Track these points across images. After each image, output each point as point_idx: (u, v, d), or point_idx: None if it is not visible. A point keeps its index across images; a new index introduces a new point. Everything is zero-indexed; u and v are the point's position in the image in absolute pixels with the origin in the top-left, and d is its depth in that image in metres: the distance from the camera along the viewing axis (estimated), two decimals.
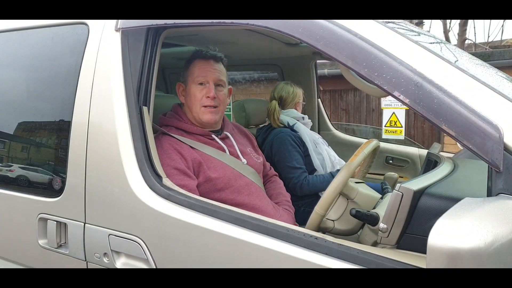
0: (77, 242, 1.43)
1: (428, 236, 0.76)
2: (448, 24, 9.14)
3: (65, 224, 1.47)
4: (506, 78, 1.28)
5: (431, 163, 1.70)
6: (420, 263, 0.96)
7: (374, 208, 1.41)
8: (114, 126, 1.36)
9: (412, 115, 6.69)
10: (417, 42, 1.06)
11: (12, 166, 1.68)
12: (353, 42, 1.04)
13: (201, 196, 1.38)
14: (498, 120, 0.90)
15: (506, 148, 0.88)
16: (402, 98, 0.98)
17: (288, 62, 3.01)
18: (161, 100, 1.96)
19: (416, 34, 1.25)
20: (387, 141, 3.34)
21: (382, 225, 1.06)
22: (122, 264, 1.34)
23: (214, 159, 1.61)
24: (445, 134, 0.94)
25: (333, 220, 1.41)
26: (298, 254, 1.06)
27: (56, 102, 1.58)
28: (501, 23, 9.08)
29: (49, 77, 1.61)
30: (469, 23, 8.54)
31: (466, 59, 1.27)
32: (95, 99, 1.42)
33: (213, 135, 1.69)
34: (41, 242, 1.53)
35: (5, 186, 1.67)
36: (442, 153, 2.15)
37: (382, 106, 3.76)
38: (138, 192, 1.30)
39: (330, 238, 1.09)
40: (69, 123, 1.47)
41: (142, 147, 1.34)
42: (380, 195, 1.51)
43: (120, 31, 1.41)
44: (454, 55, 1.23)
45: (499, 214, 0.80)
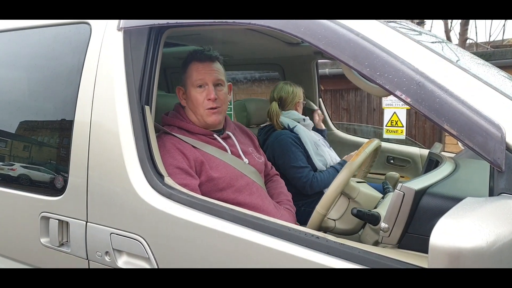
0: (79, 240, 1.44)
1: (429, 235, 0.76)
2: (449, 23, 9.14)
3: (67, 222, 1.47)
4: (507, 78, 1.28)
5: (433, 163, 1.70)
6: (421, 263, 0.96)
7: (375, 207, 1.41)
8: (116, 125, 1.36)
9: (413, 115, 6.69)
10: (418, 42, 1.05)
11: (14, 165, 1.68)
12: (355, 41, 1.04)
13: (202, 195, 1.39)
14: (500, 119, 0.90)
15: (508, 147, 0.88)
16: (404, 97, 0.98)
17: (289, 62, 3.01)
18: (163, 99, 1.96)
19: (417, 33, 1.25)
20: (388, 140, 3.34)
21: (383, 224, 1.06)
22: (124, 262, 1.35)
23: (216, 159, 1.61)
24: (446, 133, 0.95)
25: (334, 219, 1.42)
26: (299, 253, 1.06)
27: (58, 101, 1.58)
28: (502, 23, 9.08)
29: (51, 76, 1.61)
30: (470, 23, 8.54)
31: (467, 59, 1.27)
32: (97, 98, 1.42)
33: (215, 135, 1.69)
34: (43, 240, 1.53)
35: (7, 185, 1.67)
36: (443, 153, 2.15)
37: (383, 105, 3.75)
38: (140, 191, 1.30)
39: (331, 238, 1.08)
40: (71, 122, 1.47)
41: (144, 146, 1.34)
42: (381, 195, 1.51)
43: (122, 31, 1.42)
44: (456, 55, 1.23)
45: (501, 214, 0.80)
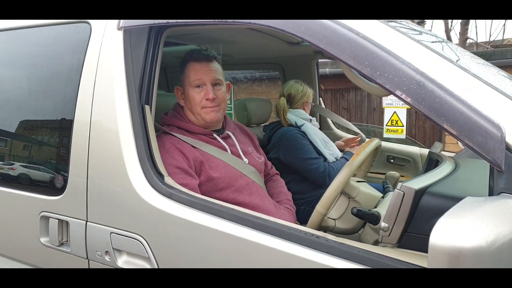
0: (78, 240, 1.44)
1: (429, 235, 0.76)
2: (449, 23, 9.14)
3: (67, 222, 1.47)
4: (507, 77, 1.28)
5: (433, 163, 1.70)
6: (421, 262, 0.96)
7: (375, 207, 1.41)
8: (116, 125, 1.36)
9: (413, 114, 6.69)
10: (419, 41, 1.05)
11: (14, 164, 1.68)
12: (355, 41, 1.04)
13: (202, 195, 1.39)
14: (500, 119, 0.90)
15: (508, 147, 0.88)
16: (404, 97, 0.98)
17: (289, 61, 3.01)
18: (162, 99, 1.96)
19: (418, 33, 1.25)
20: (389, 140, 3.34)
21: (383, 224, 1.06)
22: (124, 262, 1.35)
23: (215, 159, 1.61)
24: (446, 133, 0.95)
25: (334, 219, 1.42)
26: (299, 253, 1.06)
27: (58, 100, 1.58)
28: (502, 23, 9.08)
29: (51, 75, 1.61)
30: (470, 23, 8.54)
31: (467, 58, 1.27)
32: (97, 98, 1.42)
33: (214, 135, 1.69)
34: (43, 240, 1.53)
35: (7, 184, 1.67)
36: (443, 152, 2.15)
37: (384, 105, 3.75)
38: (140, 190, 1.30)
39: (331, 237, 1.09)
40: (71, 122, 1.47)
41: (144, 146, 1.34)
42: (381, 194, 1.51)
43: (122, 30, 1.41)
44: (456, 54, 1.23)
45: (501, 213, 0.80)
